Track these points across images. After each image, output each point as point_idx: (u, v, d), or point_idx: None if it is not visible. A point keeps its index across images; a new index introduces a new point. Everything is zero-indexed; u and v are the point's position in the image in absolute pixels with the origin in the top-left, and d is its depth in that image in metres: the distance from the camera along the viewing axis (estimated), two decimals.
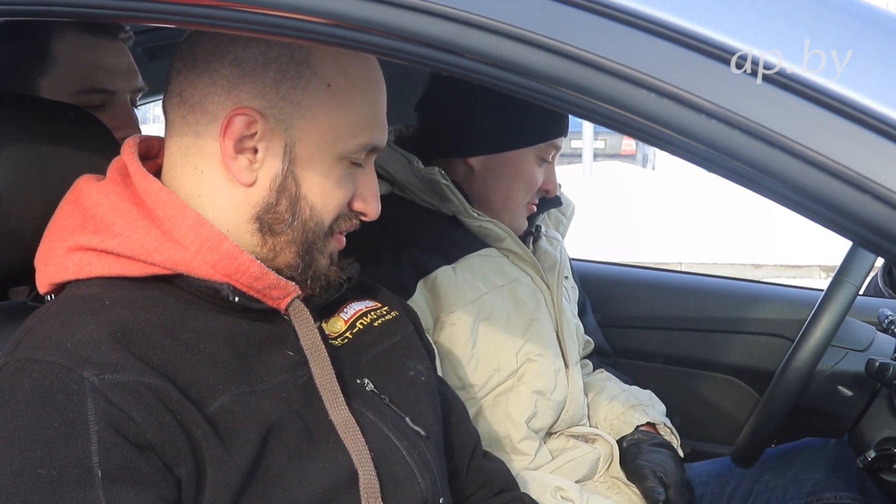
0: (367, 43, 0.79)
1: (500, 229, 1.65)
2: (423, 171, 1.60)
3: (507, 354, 1.58)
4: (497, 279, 1.62)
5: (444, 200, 1.62)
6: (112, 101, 1.58)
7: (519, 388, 1.58)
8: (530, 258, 1.69)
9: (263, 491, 0.96)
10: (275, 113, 1.02)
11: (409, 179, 1.63)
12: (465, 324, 1.55)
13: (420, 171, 1.60)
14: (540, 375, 1.60)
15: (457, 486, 1.27)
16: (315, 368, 1.05)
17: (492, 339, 1.57)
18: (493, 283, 1.61)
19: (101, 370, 0.90)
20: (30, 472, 0.86)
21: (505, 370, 1.57)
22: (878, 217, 0.68)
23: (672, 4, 0.72)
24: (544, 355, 1.61)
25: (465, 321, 1.55)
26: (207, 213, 1.03)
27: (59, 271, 1.02)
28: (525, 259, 1.68)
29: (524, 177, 1.66)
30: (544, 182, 1.69)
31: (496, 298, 1.59)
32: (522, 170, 1.66)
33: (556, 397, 1.62)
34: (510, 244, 1.67)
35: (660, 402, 1.82)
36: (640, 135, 0.75)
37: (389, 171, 1.64)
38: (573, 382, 1.67)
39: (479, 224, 1.63)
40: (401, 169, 1.63)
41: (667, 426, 1.75)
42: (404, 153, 1.63)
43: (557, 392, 1.62)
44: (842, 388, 1.67)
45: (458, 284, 1.56)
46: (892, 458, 1.55)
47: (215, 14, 0.83)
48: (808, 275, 7.81)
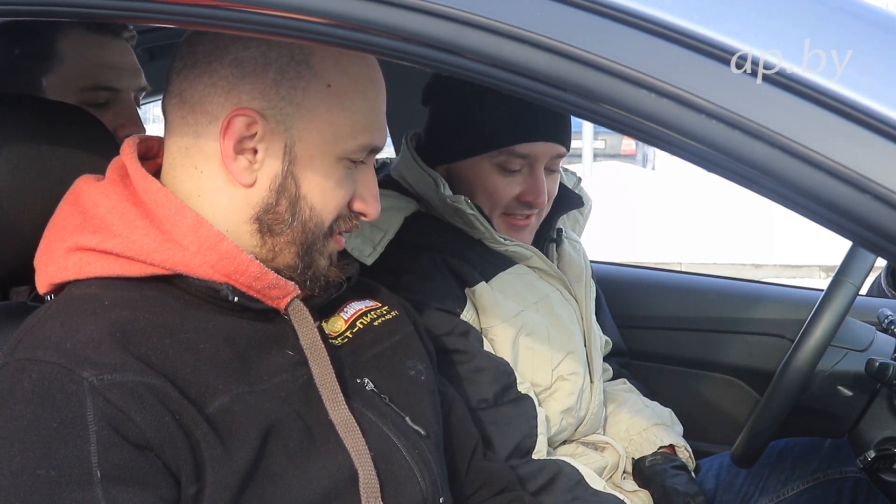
0: (367, 43, 0.79)
1: (526, 250, 1.63)
2: (449, 199, 1.57)
3: (544, 371, 1.58)
4: (530, 296, 1.61)
5: (471, 227, 1.60)
6: (117, 99, 1.58)
7: (548, 405, 1.58)
8: (556, 273, 1.67)
9: (263, 491, 0.96)
10: (275, 113, 1.02)
11: (435, 202, 1.60)
12: (504, 340, 1.54)
13: (447, 197, 1.57)
14: (570, 394, 1.60)
15: (457, 486, 1.27)
16: (315, 368, 1.05)
17: (531, 356, 1.57)
18: (526, 300, 1.59)
19: (101, 370, 0.90)
20: (29, 472, 0.86)
21: (539, 386, 1.57)
22: (878, 217, 0.68)
23: (672, 4, 0.72)
24: (577, 373, 1.60)
25: (505, 338, 1.54)
26: (207, 213, 1.03)
27: (59, 271, 1.02)
28: (552, 274, 1.67)
29: (482, 187, 1.59)
30: (524, 193, 1.59)
31: (534, 315, 1.58)
32: (479, 180, 1.59)
33: (579, 414, 1.63)
34: (536, 262, 1.65)
35: (678, 422, 1.82)
36: (640, 135, 0.75)
37: (417, 189, 1.62)
38: (595, 397, 1.67)
39: (506, 248, 1.61)
40: (428, 190, 1.60)
41: (686, 450, 1.75)
42: (431, 173, 1.59)
43: (581, 409, 1.64)
44: (842, 388, 1.67)
45: (496, 300, 1.55)
46: (892, 458, 1.55)
47: (215, 14, 0.83)
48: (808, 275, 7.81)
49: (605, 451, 1.67)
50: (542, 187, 1.59)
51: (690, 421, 1.88)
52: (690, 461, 1.74)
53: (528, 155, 1.57)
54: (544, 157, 1.59)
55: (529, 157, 1.57)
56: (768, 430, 1.58)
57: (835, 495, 1.75)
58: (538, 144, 1.57)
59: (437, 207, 1.61)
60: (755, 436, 1.60)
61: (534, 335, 1.57)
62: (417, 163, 1.61)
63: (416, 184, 1.62)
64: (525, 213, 1.63)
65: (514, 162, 1.57)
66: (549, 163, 1.60)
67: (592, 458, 1.63)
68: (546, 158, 1.59)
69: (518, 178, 1.59)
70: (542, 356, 1.57)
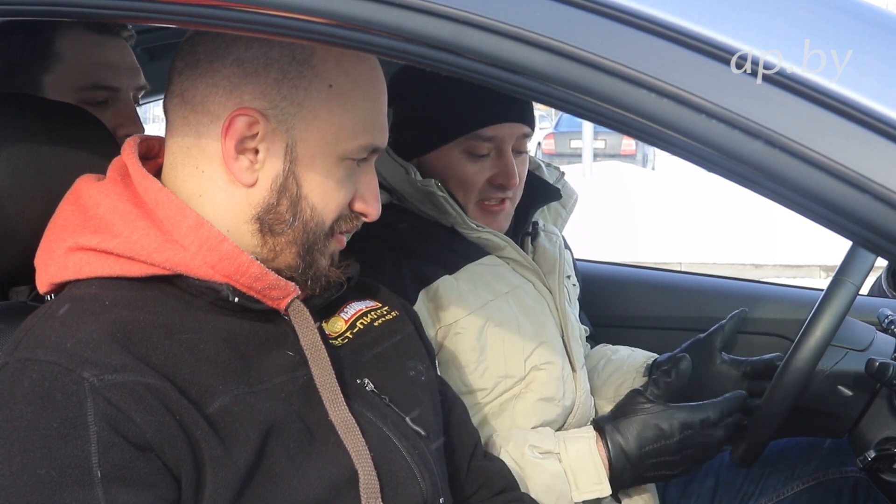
0: (368, 43, 0.79)
1: (499, 238, 1.63)
2: (420, 183, 1.58)
3: (516, 361, 1.58)
4: (501, 287, 1.61)
5: (442, 212, 1.61)
6: (116, 98, 1.58)
7: (525, 396, 1.58)
8: (530, 264, 1.68)
9: (263, 491, 0.96)
10: (276, 113, 1.02)
11: (407, 190, 1.62)
12: (470, 332, 1.54)
13: (417, 182, 1.59)
14: (547, 384, 1.60)
15: (457, 486, 1.27)
16: (315, 368, 1.05)
17: (500, 347, 1.57)
18: (497, 290, 1.60)
19: (101, 370, 0.90)
20: (29, 472, 0.86)
21: (513, 377, 1.57)
22: (878, 217, 0.68)
23: (672, 4, 0.72)
24: (552, 363, 1.61)
25: (471, 329, 1.54)
26: (208, 213, 1.03)
27: (59, 271, 1.02)
28: (526, 265, 1.67)
29: (454, 176, 1.61)
30: (494, 176, 1.61)
31: (503, 306, 1.59)
32: (451, 168, 1.61)
33: (565, 403, 1.63)
34: (510, 252, 1.65)
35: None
36: (640, 135, 0.75)
37: (388, 180, 1.63)
38: (581, 386, 1.67)
39: (478, 235, 1.62)
40: (399, 179, 1.62)
41: None
42: (402, 162, 1.62)
43: (566, 398, 1.63)
44: (842, 388, 1.67)
45: (462, 293, 1.55)
46: (892, 458, 1.55)
47: (217, 14, 0.83)
48: (808, 275, 7.81)
49: None
50: (511, 168, 1.61)
51: None
52: None
53: (495, 137, 1.59)
54: (510, 139, 1.61)
55: (496, 138, 1.59)
56: (768, 429, 1.58)
57: (835, 495, 1.75)
58: (503, 126, 1.59)
59: (408, 195, 1.62)
60: (755, 436, 1.60)
61: (503, 326, 1.57)
62: (388, 153, 1.62)
63: (386, 174, 1.62)
64: (499, 196, 1.64)
65: (481, 146, 1.59)
66: (515, 143, 1.62)
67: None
68: (512, 139, 1.61)
69: (487, 161, 1.61)
70: (513, 346, 1.57)
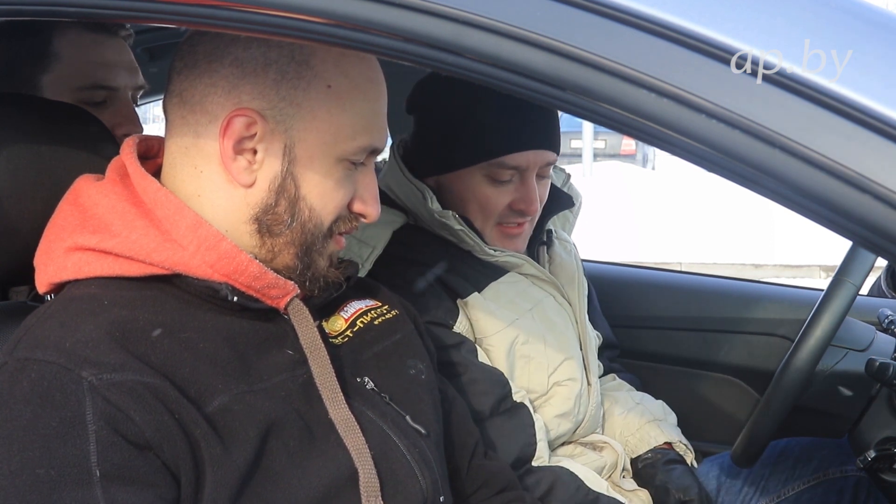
0: (367, 43, 0.79)
1: (517, 259, 1.62)
2: (437, 214, 1.55)
3: (540, 377, 1.57)
4: (524, 304, 1.60)
5: (460, 241, 1.59)
6: (114, 97, 1.58)
7: (543, 409, 1.58)
8: (549, 278, 1.66)
9: (263, 490, 0.96)
10: (275, 114, 1.02)
11: (423, 215, 1.59)
12: (500, 350, 1.54)
13: (434, 212, 1.56)
14: (566, 399, 1.60)
15: (457, 485, 1.27)
16: (315, 367, 1.05)
17: (527, 363, 1.57)
18: (520, 307, 1.59)
19: (100, 370, 0.90)
20: (28, 471, 0.86)
21: (535, 392, 1.57)
22: (878, 217, 0.68)
23: (672, 4, 0.72)
24: (574, 379, 1.60)
25: (501, 347, 1.54)
26: (206, 213, 1.03)
27: (59, 271, 1.02)
28: (545, 279, 1.66)
29: (474, 198, 1.57)
30: (515, 201, 1.57)
31: (528, 322, 1.58)
32: (471, 190, 1.57)
33: (578, 418, 1.64)
34: (528, 269, 1.64)
35: (671, 411, 1.81)
36: (640, 135, 0.75)
37: (405, 202, 1.60)
38: (593, 399, 1.68)
39: (496, 259, 1.60)
40: (416, 202, 1.59)
41: (682, 443, 1.74)
42: (419, 185, 1.58)
43: (580, 413, 1.64)
44: (842, 388, 1.68)
45: (490, 311, 1.55)
46: (892, 458, 1.55)
47: (216, 14, 0.83)
48: (808, 275, 7.81)
49: (603, 451, 1.67)
50: (533, 195, 1.57)
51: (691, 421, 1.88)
52: (688, 452, 1.74)
53: (519, 165, 1.55)
54: (535, 166, 1.57)
55: (520, 167, 1.56)
56: (768, 429, 1.58)
57: (835, 495, 1.75)
58: (529, 154, 1.55)
59: (425, 220, 1.60)
60: (755, 436, 1.60)
61: (529, 343, 1.56)
62: (405, 174, 1.60)
63: (404, 196, 1.61)
64: (518, 220, 1.61)
65: (504, 173, 1.55)
66: (539, 170, 1.59)
67: (591, 457, 1.63)
68: (537, 167, 1.57)
69: (509, 187, 1.57)
70: (539, 363, 1.57)
